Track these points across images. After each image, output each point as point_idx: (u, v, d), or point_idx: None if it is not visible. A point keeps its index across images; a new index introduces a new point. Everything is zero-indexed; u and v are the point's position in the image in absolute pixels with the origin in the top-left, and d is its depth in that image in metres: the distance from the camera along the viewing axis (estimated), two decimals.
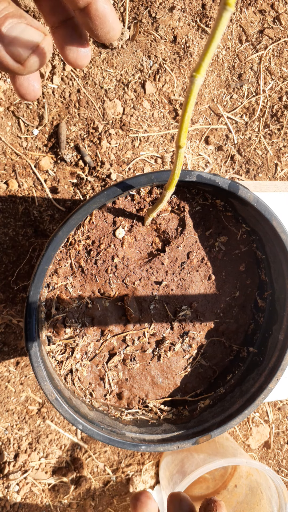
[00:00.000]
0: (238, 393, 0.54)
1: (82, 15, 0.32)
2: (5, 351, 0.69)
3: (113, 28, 0.33)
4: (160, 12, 0.67)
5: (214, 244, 0.53)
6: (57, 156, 0.67)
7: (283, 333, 0.52)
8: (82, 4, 0.31)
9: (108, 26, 0.32)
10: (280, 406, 0.87)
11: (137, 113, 0.69)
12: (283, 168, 0.78)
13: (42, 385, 0.44)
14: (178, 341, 0.54)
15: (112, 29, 0.33)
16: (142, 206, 0.50)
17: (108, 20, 0.32)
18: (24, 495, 0.75)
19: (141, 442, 0.49)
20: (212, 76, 0.73)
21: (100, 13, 0.32)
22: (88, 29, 0.32)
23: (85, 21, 0.32)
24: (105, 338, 0.52)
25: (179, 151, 0.34)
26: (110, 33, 0.33)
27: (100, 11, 0.32)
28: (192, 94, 0.28)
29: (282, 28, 0.74)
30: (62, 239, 0.43)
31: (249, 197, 0.46)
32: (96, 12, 0.31)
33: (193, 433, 0.51)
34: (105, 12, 0.32)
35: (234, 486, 0.82)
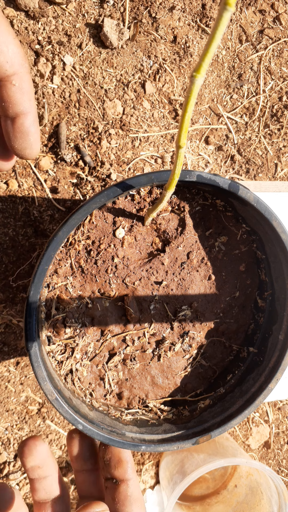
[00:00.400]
0: (238, 393, 0.54)
1: (7, 124, 0.33)
2: (5, 351, 0.69)
3: (31, 146, 0.33)
4: (160, 12, 0.67)
5: (214, 244, 0.53)
6: (57, 156, 0.67)
7: (283, 333, 0.52)
8: (11, 114, 0.32)
9: (27, 143, 0.33)
10: (280, 406, 0.87)
11: (137, 113, 0.69)
12: (283, 168, 0.78)
13: (42, 385, 0.44)
14: (178, 341, 0.54)
15: (29, 147, 0.33)
16: (142, 206, 0.50)
17: (30, 138, 0.33)
18: (24, 495, 0.75)
19: (141, 442, 0.49)
20: (212, 76, 0.73)
21: (25, 128, 0.33)
22: (7, 138, 0.33)
23: (7, 129, 0.33)
24: (105, 338, 0.52)
25: (179, 151, 0.34)
26: (26, 150, 0.34)
27: (25, 127, 0.32)
28: (192, 94, 0.28)
29: (282, 28, 0.74)
30: (62, 239, 0.43)
31: (249, 197, 0.46)
32: (21, 127, 0.32)
33: (193, 433, 0.51)
34: (30, 130, 0.33)
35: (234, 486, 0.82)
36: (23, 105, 0.32)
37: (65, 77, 0.65)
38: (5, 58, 0.30)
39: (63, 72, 0.65)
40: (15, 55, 0.30)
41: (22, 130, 0.32)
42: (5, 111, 0.32)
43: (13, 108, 0.32)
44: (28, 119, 0.32)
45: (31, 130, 0.33)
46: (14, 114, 0.32)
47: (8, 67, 0.30)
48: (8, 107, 0.32)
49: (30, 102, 0.32)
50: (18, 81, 0.31)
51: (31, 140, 0.33)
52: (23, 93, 0.31)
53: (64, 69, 0.65)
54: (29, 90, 0.32)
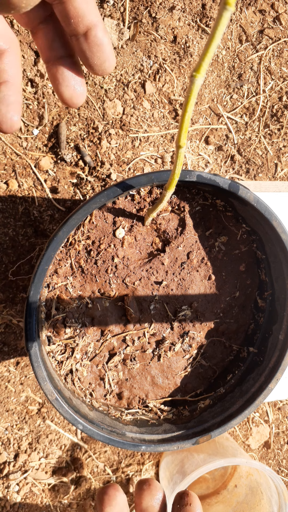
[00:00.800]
0: (238, 393, 0.54)
1: (80, 42, 0.32)
2: (5, 351, 0.69)
3: (109, 58, 0.32)
4: (160, 12, 0.67)
5: (214, 244, 0.53)
6: (57, 156, 0.67)
7: (283, 333, 0.52)
8: (82, 30, 0.31)
9: (104, 55, 0.32)
10: (280, 406, 0.87)
11: (137, 113, 0.69)
12: (283, 168, 0.78)
13: (42, 385, 0.44)
14: (178, 341, 0.54)
15: (108, 59, 0.32)
16: (142, 206, 0.50)
17: (106, 49, 0.32)
18: (24, 495, 0.75)
19: (141, 442, 0.49)
20: (212, 76, 0.73)
21: (99, 40, 0.31)
22: (84, 57, 0.32)
23: (82, 48, 0.32)
24: (105, 338, 0.52)
25: (179, 151, 0.34)
26: (105, 63, 0.32)
27: (99, 38, 0.31)
28: (192, 94, 0.28)
29: (282, 28, 0.74)
30: (62, 239, 0.43)
31: (249, 197, 0.46)
32: (95, 39, 0.31)
33: (193, 433, 0.51)
34: (104, 41, 0.31)
35: (234, 486, 0.82)
36: (91, 16, 0.31)
37: None
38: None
39: None
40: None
41: (97, 42, 0.31)
42: (76, 27, 0.31)
43: (83, 22, 0.31)
44: (100, 29, 0.31)
45: (105, 40, 0.32)
46: (86, 27, 0.31)
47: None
48: (78, 21, 0.30)
49: (96, 10, 0.31)
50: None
51: (108, 51, 0.32)
52: (88, 3, 0.30)
53: None
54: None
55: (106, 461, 0.78)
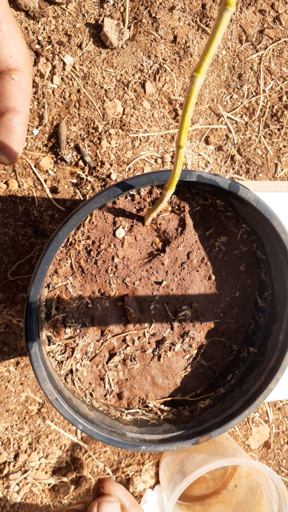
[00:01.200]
0: (238, 393, 0.54)
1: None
2: (5, 351, 0.69)
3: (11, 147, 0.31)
4: (160, 12, 0.67)
5: (214, 244, 0.53)
6: (57, 156, 0.67)
7: (283, 333, 0.52)
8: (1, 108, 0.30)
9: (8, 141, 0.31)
10: (280, 406, 0.87)
11: (137, 113, 0.69)
12: (283, 168, 0.78)
13: (42, 385, 0.44)
14: (178, 341, 0.54)
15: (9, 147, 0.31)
16: (142, 206, 0.50)
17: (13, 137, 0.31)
18: (24, 495, 0.75)
19: (141, 442, 0.49)
20: (212, 76, 0.73)
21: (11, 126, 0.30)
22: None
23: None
24: (105, 338, 0.52)
25: (180, 151, 0.34)
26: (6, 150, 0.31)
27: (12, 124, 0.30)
28: (192, 94, 0.28)
29: (282, 28, 0.74)
30: (62, 239, 0.43)
31: (249, 197, 0.46)
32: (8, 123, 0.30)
33: (193, 433, 0.51)
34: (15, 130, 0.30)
35: (234, 486, 0.82)
36: (15, 102, 0.30)
37: (65, 77, 0.65)
38: (10, 52, 0.29)
39: (63, 72, 0.65)
40: (20, 52, 0.30)
41: (8, 126, 0.30)
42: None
43: (5, 102, 0.30)
44: (17, 117, 0.31)
45: (17, 130, 0.31)
46: (4, 108, 0.31)
47: (12, 61, 0.30)
48: (0, 100, 0.30)
49: (25, 102, 0.31)
50: (18, 77, 0.30)
51: (14, 139, 0.31)
52: (20, 90, 0.30)
53: (64, 69, 0.65)
54: (27, 90, 0.31)
55: (106, 461, 0.78)
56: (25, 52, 0.30)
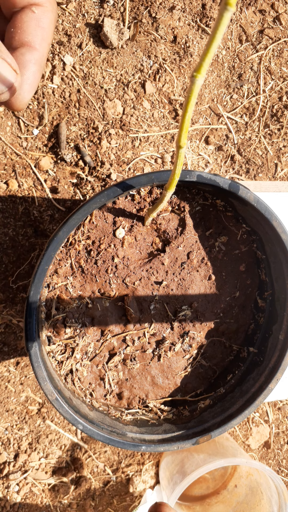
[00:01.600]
0: (238, 393, 0.54)
1: None
2: (5, 351, 0.69)
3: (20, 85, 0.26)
4: (160, 12, 0.67)
5: (214, 244, 0.53)
6: (57, 156, 0.67)
7: (283, 333, 0.52)
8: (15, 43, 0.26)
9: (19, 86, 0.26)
10: (280, 406, 0.87)
11: (137, 113, 0.69)
12: (283, 168, 0.78)
13: (42, 385, 0.44)
14: (178, 341, 0.54)
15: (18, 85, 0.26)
16: (142, 206, 0.50)
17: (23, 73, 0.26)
18: (24, 495, 0.74)
19: (141, 442, 0.49)
20: (212, 76, 0.72)
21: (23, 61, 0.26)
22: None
23: None
24: (105, 338, 0.52)
25: (180, 151, 0.34)
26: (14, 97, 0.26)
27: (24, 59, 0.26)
28: (192, 94, 0.28)
29: (282, 28, 0.74)
30: (62, 239, 0.43)
31: (249, 197, 0.46)
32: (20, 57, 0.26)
33: (193, 433, 0.51)
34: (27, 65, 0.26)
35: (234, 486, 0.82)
36: (32, 37, 0.26)
37: (65, 77, 0.65)
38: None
39: (63, 72, 0.65)
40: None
41: (20, 61, 0.26)
42: (11, 38, 0.26)
43: (20, 35, 0.26)
44: (31, 54, 0.26)
45: (30, 67, 0.26)
46: (19, 43, 0.26)
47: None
48: (15, 33, 0.26)
49: (42, 40, 0.26)
50: (38, 11, 0.26)
51: (25, 77, 0.26)
52: (38, 26, 0.26)
53: (64, 69, 0.65)
54: (47, 28, 0.26)
55: (106, 461, 0.78)
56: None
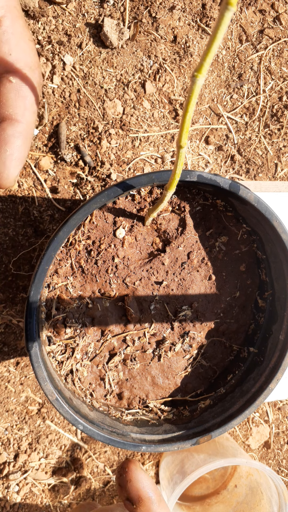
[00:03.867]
0: (238, 393, 0.54)
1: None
2: (5, 351, 0.69)
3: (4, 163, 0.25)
4: (160, 12, 0.67)
5: (215, 244, 0.53)
6: (57, 156, 0.67)
7: (283, 333, 0.52)
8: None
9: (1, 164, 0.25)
10: (280, 406, 0.87)
11: (137, 113, 0.69)
12: (283, 168, 0.78)
13: (43, 386, 0.43)
14: (178, 341, 0.54)
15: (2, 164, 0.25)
16: (142, 206, 0.50)
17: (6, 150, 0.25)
18: (24, 495, 0.74)
19: (142, 442, 0.49)
20: (212, 76, 0.72)
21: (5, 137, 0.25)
22: None
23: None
24: (105, 338, 0.52)
25: (180, 151, 0.34)
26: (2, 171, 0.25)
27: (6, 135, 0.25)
28: (193, 94, 0.28)
29: (282, 28, 0.74)
30: (63, 239, 0.43)
31: (249, 197, 0.46)
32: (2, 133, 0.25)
33: (193, 433, 0.51)
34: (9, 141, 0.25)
35: (234, 486, 0.82)
36: (13, 109, 0.25)
37: (65, 77, 0.65)
38: (10, 50, 0.24)
39: (63, 72, 0.65)
40: (24, 52, 0.25)
41: (1, 137, 0.25)
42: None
43: (0, 109, 0.25)
44: (15, 127, 0.25)
45: (13, 142, 0.25)
46: (1, 117, 0.25)
47: (12, 59, 0.24)
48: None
49: (25, 110, 0.25)
50: (16, 80, 0.25)
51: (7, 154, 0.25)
52: (19, 95, 0.25)
53: (64, 69, 0.65)
54: (28, 96, 0.25)
55: (106, 461, 0.78)
56: (30, 54, 0.26)
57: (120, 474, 0.36)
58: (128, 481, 0.35)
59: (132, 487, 0.35)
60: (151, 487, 0.35)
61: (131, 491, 0.35)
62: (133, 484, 0.35)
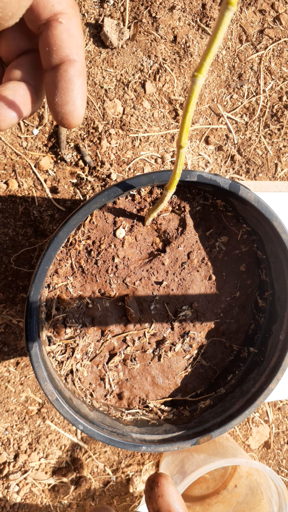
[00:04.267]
0: (238, 393, 0.54)
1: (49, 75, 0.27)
2: (5, 351, 0.69)
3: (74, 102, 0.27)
4: (160, 12, 0.67)
5: (215, 244, 0.53)
6: (57, 156, 0.67)
7: (283, 333, 0.52)
8: (55, 61, 0.27)
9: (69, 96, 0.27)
10: (280, 406, 0.87)
11: (137, 113, 0.69)
12: (283, 168, 0.78)
13: (43, 386, 0.43)
14: (178, 341, 0.54)
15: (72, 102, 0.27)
16: (142, 206, 0.50)
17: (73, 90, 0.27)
18: (24, 495, 0.74)
19: (142, 442, 0.49)
20: (212, 76, 0.72)
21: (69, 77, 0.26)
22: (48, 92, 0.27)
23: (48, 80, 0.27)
24: (105, 339, 0.52)
25: (181, 151, 0.34)
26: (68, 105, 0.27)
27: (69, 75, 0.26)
28: (193, 94, 0.28)
29: (282, 28, 0.74)
30: (63, 239, 0.43)
31: (249, 197, 0.46)
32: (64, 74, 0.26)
33: (193, 434, 0.51)
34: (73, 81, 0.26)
35: (234, 486, 0.82)
36: (69, 49, 0.26)
37: None
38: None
39: None
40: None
41: (66, 78, 0.26)
42: (49, 58, 0.26)
43: (57, 53, 0.26)
44: (74, 67, 0.26)
45: (76, 82, 0.26)
46: (59, 60, 0.26)
47: (56, 2, 0.25)
48: (52, 52, 0.26)
49: (78, 49, 0.27)
50: (65, 20, 0.26)
51: (75, 93, 0.26)
52: (70, 35, 0.26)
53: None
54: (77, 35, 0.27)
55: (106, 461, 0.78)
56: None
57: (150, 487, 0.38)
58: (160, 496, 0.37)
59: (164, 502, 0.37)
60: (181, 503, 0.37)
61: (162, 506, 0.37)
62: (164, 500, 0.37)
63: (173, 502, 0.37)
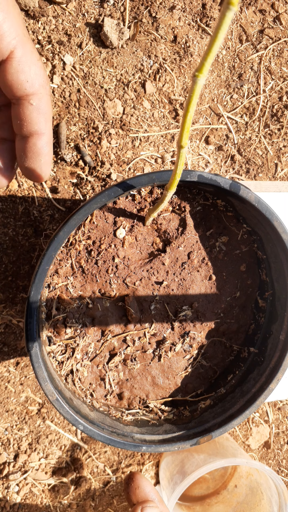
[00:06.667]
0: (238, 393, 0.54)
1: (20, 142, 0.33)
2: (5, 351, 0.69)
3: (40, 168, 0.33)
4: (160, 12, 0.67)
5: (215, 244, 0.53)
6: (57, 156, 0.66)
7: (283, 333, 0.52)
8: (25, 133, 0.32)
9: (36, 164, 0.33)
10: (280, 406, 0.87)
11: (137, 113, 0.69)
12: (283, 168, 0.78)
13: (43, 386, 0.43)
14: (178, 341, 0.54)
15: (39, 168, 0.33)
16: (143, 206, 0.50)
17: (40, 160, 0.33)
18: (24, 495, 0.74)
19: (142, 442, 0.49)
20: (212, 76, 0.72)
21: (37, 149, 0.32)
22: (19, 157, 0.33)
23: (19, 147, 0.33)
24: (105, 339, 0.52)
25: (181, 151, 0.34)
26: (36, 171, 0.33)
27: (37, 147, 0.32)
28: (194, 94, 0.28)
29: (282, 28, 0.74)
30: (63, 239, 0.43)
31: (250, 197, 0.46)
32: (33, 147, 0.32)
33: (193, 434, 0.51)
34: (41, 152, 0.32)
35: (234, 486, 0.82)
36: (38, 125, 0.32)
37: (65, 77, 0.65)
38: (26, 78, 0.30)
39: (63, 71, 0.65)
40: (36, 76, 0.31)
41: (34, 150, 0.32)
42: (20, 129, 0.32)
43: (27, 127, 0.32)
44: (42, 140, 0.32)
45: (43, 151, 0.32)
46: (28, 133, 0.32)
47: (28, 86, 0.30)
48: (22, 125, 0.32)
49: (46, 123, 0.32)
50: (36, 101, 0.31)
51: (42, 161, 0.33)
52: (40, 113, 0.31)
53: (64, 68, 0.65)
54: (47, 111, 0.32)
55: (106, 461, 0.78)
56: (41, 74, 0.31)
57: (127, 484, 0.44)
58: (136, 488, 0.43)
59: (141, 493, 0.43)
60: (155, 492, 0.44)
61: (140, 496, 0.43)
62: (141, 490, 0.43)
63: (148, 492, 0.44)
